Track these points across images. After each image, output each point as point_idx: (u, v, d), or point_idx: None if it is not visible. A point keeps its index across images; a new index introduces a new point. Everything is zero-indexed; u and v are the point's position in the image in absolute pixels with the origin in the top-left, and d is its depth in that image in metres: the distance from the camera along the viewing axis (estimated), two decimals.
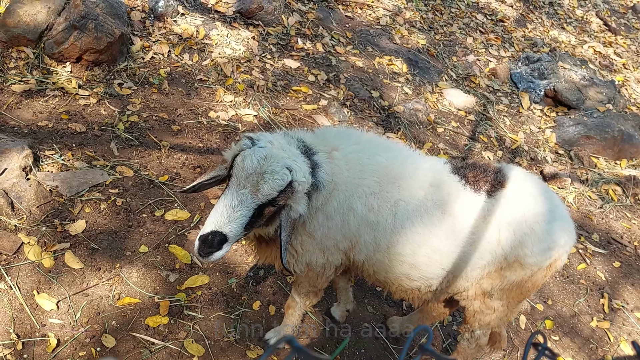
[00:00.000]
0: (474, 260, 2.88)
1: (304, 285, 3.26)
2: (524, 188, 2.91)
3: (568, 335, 4.57)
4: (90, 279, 3.60)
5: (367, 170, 2.81)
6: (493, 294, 3.03)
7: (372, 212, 2.81)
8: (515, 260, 2.87)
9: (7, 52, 5.12)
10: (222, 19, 6.87)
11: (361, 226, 2.83)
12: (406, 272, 2.94)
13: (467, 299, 3.11)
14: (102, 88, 5.24)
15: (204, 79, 5.92)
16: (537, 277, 2.99)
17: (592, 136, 7.30)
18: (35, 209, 3.86)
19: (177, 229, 4.12)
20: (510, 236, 2.83)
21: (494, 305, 3.09)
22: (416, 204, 2.83)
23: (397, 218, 2.82)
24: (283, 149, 2.57)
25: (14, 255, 3.55)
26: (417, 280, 2.98)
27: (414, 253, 2.86)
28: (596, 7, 12.51)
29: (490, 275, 2.95)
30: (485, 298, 3.06)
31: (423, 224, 2.82)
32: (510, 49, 9.48)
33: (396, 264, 2.92)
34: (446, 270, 2.92)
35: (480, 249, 2.85)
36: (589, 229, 5.96)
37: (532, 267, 2.90)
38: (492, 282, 2.97)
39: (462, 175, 2.91)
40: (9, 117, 4.59)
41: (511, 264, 2.89)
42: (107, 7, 5.50)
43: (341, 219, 2.81)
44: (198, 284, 3.80)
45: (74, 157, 4.37)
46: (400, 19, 8.81)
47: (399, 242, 2.84)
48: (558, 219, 2.91)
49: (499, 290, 3.00)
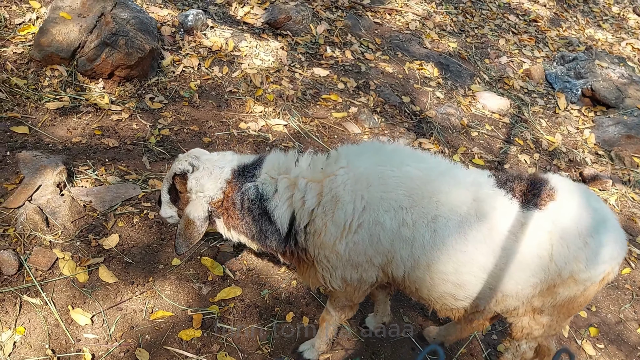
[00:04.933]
0: (525, 278, 2.76)
1: (340, 299, 3.22)
2: (574, 200, 2.79)
3: (614, 343, 4.39)
4: (124, 293, 3.61)
5: (389, 183, 2.76)
6: (544, 310, 2.92)
7: (405, 227, 2.74)
8: (569, 276, 2.75)
9: (42, 71, 5.23)
10: (251, 31, 6.90)
11: (395, 241, 2.77)
12: (450, 291, 2.85)
13: (517, 316, 3.00)
14: (133, 103, 5.30)
15: (233, 90, 5.94)
16: (589, 292, 2.87)
17: (633, 135, 7.06)
18: (69, 224, 3.90)
19: (209, 241, 4.12)
20: (564, 251, 2.71)
21: (543, 321, 2.98)
22: (458, 220, 2.73)
23: (436, 235, 2.73)
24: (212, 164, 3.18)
25: (49, 270, 3.59)
26: (462, 300, 2.89)
27: (457, 271, 2.77)
28: (633, 3, 12.17)
29: (542, 293, 2.84)
30: (535, 314, 2.95)
31: (467, 241, 2.72)
32: (544, 49, 9.28)
33: (439, 282, 2.83)
34: (494, 290, 2.81)
35: (532, 266, 2.73)
36: (633, 231, 5.74)
37: (586, 282, 2.78)
38: (544, 300, 2.87)
39: (509, 189, 2.80)
40: (44, 134, 4.68)
41: (565, 281, 2.77)
42: (138, 23, 5.57)
43: (368, 233, 2.77)
44: (231, 296, 3.78)
45: (107, 171, 4.42)
46: (430, 23, 8.71)
47: (440, 260, 2.75)
48: (610, 230, 2.78)
49: (551, 306, 2.90)
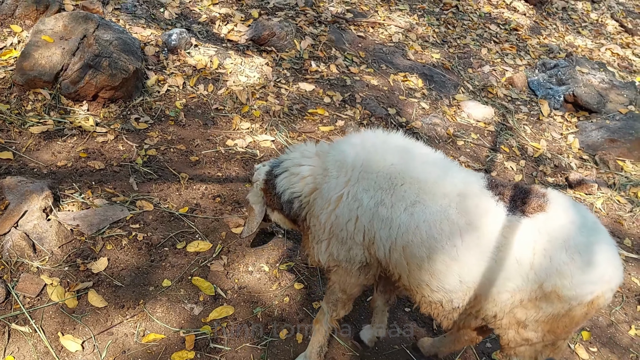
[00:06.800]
0: (500, 280, 2.75)
1: (334, 289, 3.30)
2: (568, 215, 2.76)
3: (606, 345, 4.40)
4: (115, 317, 3.57)
5: (372, 166, 2.96)
6: (527, 325, 2.87)
7: (383, 207, 2.88)
8: (552, 290, 2.69)
9: (25, 95, 5.19)
10: (235, 48, 6.91)
11: (374, 220, 2.91)
12: (425, 279, 2.89)
13: (501, 327, 2.97)
14: (119, 124, 5.27)
15: (220, 108, 5.93)
16: (576, 313, 2.78)
17: (616, 139, 7.14)
18: (57, 249, 3.86)
19: (199, 261, 4.09)
20: (546, 262, 2.68)
21: (528, 336, 2.93)
22: (437, 210, 2.80)
23: (412, 219, 2.82)
24: None
25: (37, 297, 3.54)
26: (437, 292, 2.91)
27: (430, 258, 2.82)
28: (610, 9, 12.35)
29: (524, 304, 2.80)
30: (519, 328, 2.91)
31: (442, 231, 2.78)
32: (526, 57, 9.38)
33: (414, 267, 2.89)
34: (466, 285, 2.82)
35: (508, 269, 2.72)
36: (620, 234, 5.79)
37: (571, 301, 2.72)
38: (527, 312, 2.82)
39: (498, 192, 2.83)
40: (29, 159, 4.64)
41: (548, 295, 2.72)
42: (121, 44, 5.56)
43: (348, 208, 2.95)
44: (223, 315, 3.74)
45: (94, 194, 4.38)
46: (413, 35, 8.78)
47: (414, 243, 2.83)
48: (604, 253, 2.72)
49: (534, 321, 2.84)
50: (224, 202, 4.69)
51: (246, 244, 4.32)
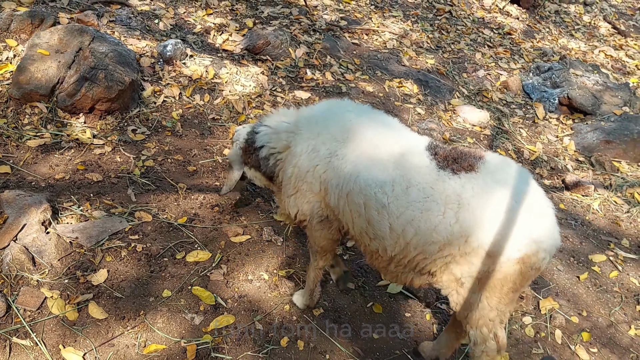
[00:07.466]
0: (425, 230, 2.93)
1: (310, 243, 3.69)
2: (499, 175, 2.92)
3: (607, 346, 4.41)
4: (115, 329, 3.57)
5: (330, 123, 3.32)
6: (464, 282, 3.01)
7: (335, 158, 3.20)
8: (479, 245, 2.85)
9: (21, 109, 5.21)
10: (231, 57, 6.94)
11: (328, 171, 3.22)
12: (363, 226, 3.15)
13: (443, 286, 3.13)
14: (116, 136, 5.29)
15: (216, 117, 5.95)
16: (508, 270, 2.89)
17: (611, 140, 7.17)
18: (56, 262, 3.87)
19: (199, 270, 4.10)
20: (470, 216, 2.84)
21: (470, 296, 3.05)
22: (376, 160, 3.09)
23: (355, 168, 3.11)
24: None
25: (37, 310, 3.54)
26: (374, 240, 3.15)
27: (366, 205, 3.07)
28: (603, 12, 12.44)
29: (457, 260, 2.95)
30: (458, 287, 3.05)
31: (376, 180, 3.04)
32: (520, 60, 9.43)
33: (355, 215, 3.16)
34: (395, 232, 3.01)
35: (433, 220, 2.90)
36: (617, 235, 5.81)
37: (500, 258, 2.85)
38: (461, 269, 2.97)
39: (435, 152, 3.06)
40: (26, 172, 4.65)
41: (475, 249, 2.87)
42: (116, 55, 5.59)
43: (308, 159, 3.29)
44: (224, 325, 3.75)
45: (92, 206, 4.39)
46: (407, 41, 8.82)
47: (354, 191, 3.10)
48: (532, 212, 2.85)
49: (469, 277, 2.98)
50: (222, 212, 4.70)
51: (245, 252, 4.33)
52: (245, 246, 4.40)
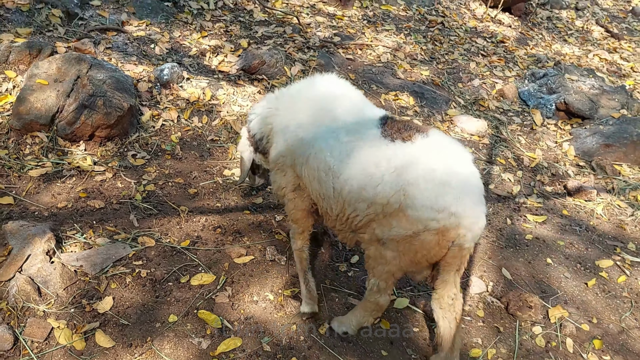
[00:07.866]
0: (356, 187, 3.24)
1: (288, 222, 4.03)
2: (429, 147, 3.16)
3: (619, 353, 4.38)
4: (123, 356, 3.56)
5: (301, 99, 3.72)
6: (385, 242, 3.26)
7: (301, 128, 3.57)
8: (399, 208, 3.09)
9: (22, 139, 5.23)
10: (227, 78, 6.98)
11: (296, 143, 3.58)
12: (317, 188, 3.51)
13: (365, 242, 3.44)
14: (116, 162, 5.31)
15: (215, 138, 5.98)
16: (425, 239, 3.10)
17: (611, 144, 7.18)
18: (62, 291, 3.86)
19: (204, 294, 4.09)
20: (394, 179, 3.09)
21: (386, 254, 3.31)
22: (332, 129, 3.43)
23: (313, 136, 3.48)
24: None
25: (45, 341, 3.53)
26: (324, 200, 3.51)
27: (318, 169, 3.43)
28: (595, 15, 12.51)
29: (379, 220, 3.22)
30: (378, 245, 3.31)
31: (328, 145, 3.38)
32: (514, 68, 9.48)
33: (312, 179, 3.52)
34: (337, 192, 3.36)
35: (363, 179, 3.20)
36: (623, 239, 5.79)
37: (418, 225, 3.06)
38: (383, 229, 3.22)
39: (385, 123, 3.36)
40: (29, 202, 4.66)
41: (396, 212, 3.11)
42: (114, 82, 5.62)
43: (282, 134, 3.70)
44: (231, 348, 3.73)
45: (95, 233, 4.40)
46: (401, 54, 8.87)
47: (311, 156, 3.47)
48: (456, 186, 3.00)
49: (389, 239, 3.22)
50: (224, 233, 4.70)
51: (249, 273, 4.33)
52: (249, 267, 4.40)
